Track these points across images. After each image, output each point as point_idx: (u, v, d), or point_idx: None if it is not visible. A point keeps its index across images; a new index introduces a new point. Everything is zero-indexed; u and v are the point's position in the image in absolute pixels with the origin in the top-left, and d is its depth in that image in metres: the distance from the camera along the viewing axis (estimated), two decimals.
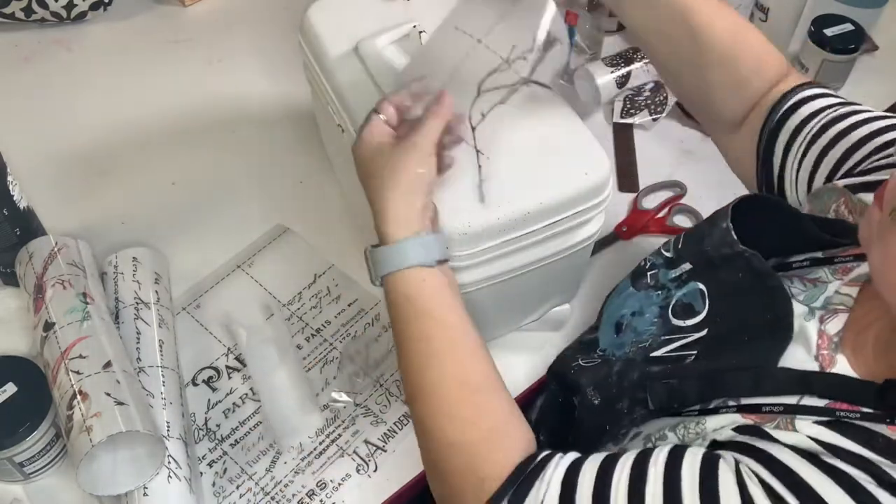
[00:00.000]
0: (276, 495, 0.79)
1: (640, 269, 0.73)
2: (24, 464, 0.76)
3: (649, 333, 0.68)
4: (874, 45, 1.17)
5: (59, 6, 1.17)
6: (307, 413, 0.82)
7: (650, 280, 0.71)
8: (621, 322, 0.72)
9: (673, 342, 0.65)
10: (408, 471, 0.80)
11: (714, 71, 0.73)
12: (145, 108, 1.11)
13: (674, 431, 0.59)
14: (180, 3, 1.25)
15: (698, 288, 0.66)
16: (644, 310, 0.70)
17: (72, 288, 0.81)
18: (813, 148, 0.70)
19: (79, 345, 0.76)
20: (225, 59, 1.18)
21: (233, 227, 0.98)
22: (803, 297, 0.62)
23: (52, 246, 0.84)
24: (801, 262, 0.65)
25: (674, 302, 0.67)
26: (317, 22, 0.86)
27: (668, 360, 0.65)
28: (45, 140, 1.07)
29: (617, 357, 0.70)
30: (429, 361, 0.64)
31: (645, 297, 0.71)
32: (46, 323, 0.78)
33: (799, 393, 0.55)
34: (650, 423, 0.62)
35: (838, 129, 0.70)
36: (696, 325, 0.65)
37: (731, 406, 0.57)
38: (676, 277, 0.69)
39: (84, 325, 0.78)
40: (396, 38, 0.82)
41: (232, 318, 0.89)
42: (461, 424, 0.62)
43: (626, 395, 0.64)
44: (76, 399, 0.72)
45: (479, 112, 0.71)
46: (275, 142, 1.08)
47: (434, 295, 0.65)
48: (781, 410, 0.55)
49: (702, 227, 0.68)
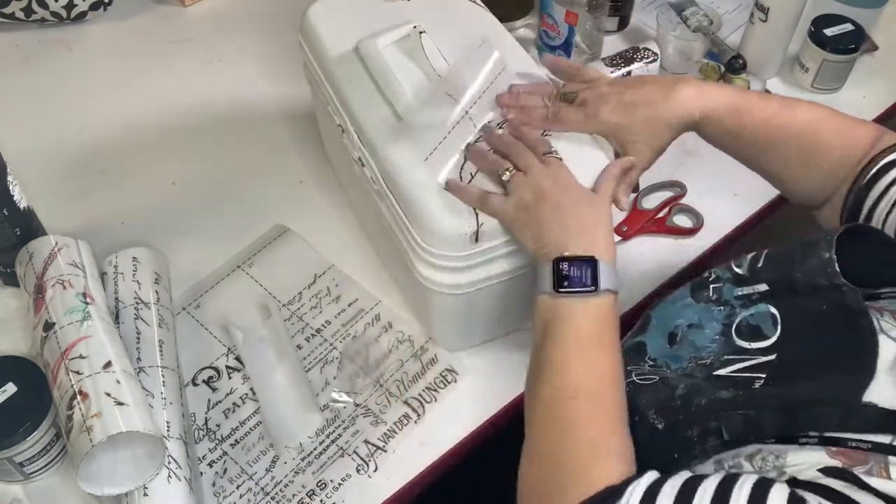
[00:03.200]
0: (276, 495, 0.79)
1: (703, 280, 0.71)
2: (24, 464, 0.76)
3: (709, 351, 0.66)
4: (874, 45, 1.17)
5: (59, 6, 1.17)
6: (306, 414, 0.82)
7: (712, 294, 0.69)
8: (675, 333, 0.70)
9: (737, 362, 0.63)
10: (408, 471, 0.80)
11: (804, 176, 0.76)
12: (145, 109, 1.11)
13: (750, 462, 0.56)
14: (180, 3, 1.25)
15: (770, 311, 0.64)
16: (703, 324, 0.68)
17: (72, 288, 0.81)
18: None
19: (79, 345, 0.76)
20: (225, 59, 1.18)
21: (233, 227, 0.98)
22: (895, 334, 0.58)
23: (53, 246, 0.84)
24: (889, 293, 0.62)
25: (738, 321, 0.66)
26: (317, 22, 0.87)
27: (736, 383, 0.62)
28: (44, 140, 1.07)
29: (673, 370, 0.68)
30: (609, 372, 0.65)
31: (705, 310, 0.69)
32: (46, 323, 0.78)
33: (892, 433, 0.52)
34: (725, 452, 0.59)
35: None
36: (764, 349, 0.62)
37: (814, 437, 0.54)
38: (744, 296, 0.67)
39: (84, 325, 0.78)
40: (396, 39, 0.82)
41: (231, 319, 0.89)
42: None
43: (696, 422, 0.61)
44: (76, 399, 0.72)
45: (469, 173, 0.74)
46: (275, 142, 1.08)
47: (617, 321, 0.68)
48: (870, 448, 0.51)
49: (793, 250, 0.65)
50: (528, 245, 0.71)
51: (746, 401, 0.59)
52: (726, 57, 1.12)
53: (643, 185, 1.02)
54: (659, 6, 1.22)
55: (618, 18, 1.21)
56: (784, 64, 1.15)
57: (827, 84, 1.12)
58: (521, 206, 0.70)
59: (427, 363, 0.87)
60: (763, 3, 1.07)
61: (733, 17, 1.23)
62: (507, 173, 0.72)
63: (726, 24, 1.20)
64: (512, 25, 1.18)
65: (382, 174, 0.77)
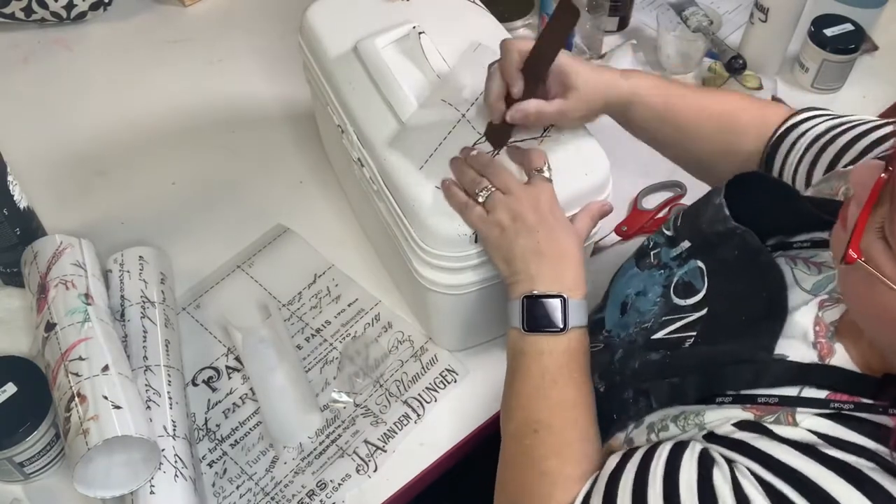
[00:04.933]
0: (276, 495, 0.79)
1: (644, 248, 0.73)
2: (24, 464, 0.76)
3: (652, 314, 0.68)
4: (874, 45, 1.17)
5: (59, 6, 1.17)
6: (305, 414, 0.82)
7: (653, 259, 0.72)
8: (626, 302, 0.72)
9: (674, 322, 0.66)
10: (407, 471, 0.80)
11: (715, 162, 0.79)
12: (145, 108, 1.11)
13: (675, 423, 0.60)
14: (180, 3, 1.25)
15: (698, 266, 0.66)
16: (647, 289, 0.71)
17: (74, 289, 0.81)
18: (810, 151, 0.71)
19: (79, 346, 0.76)
20: (225, 59, 1.18)
21: (233, 227, 0.98)
22: (810, 284, 0.61)
23: (57, 245, 0.84)
24: (802, 243, 0.65)
25: (675, 280, 0.68)
26: (316, 22, 0.86)
27: (667, 344, 0.65)
28: (45, 140, 1.07)
29: (621, 339, 0.70)
30: (570, 406, 0.66)
31: (648, 276, 0.71)
32: (48, 323, 0.78)
33: (799, 384, 0.55)
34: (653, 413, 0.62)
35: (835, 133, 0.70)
36: (696, 303, 0.65)
37: (729, 396, 0.57)
38: (677, 256, 0.69)
39: (84, 326, 0.78)
40: (396, 39, 0.82)
41: (231, 319, 0.89)
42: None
43: (630, 384, 0.65)
44: (74, 401, 0.72)
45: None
46: (275, 142, 1.08)
47: (586, 355, 0.69)
48: (777, 402, 0.55)
49: (698, 203, 0.69)
50: (499, 266, 0.71)
51: (673, 361, 0.63)
52: (726, 57, 1.12)
53: (644, 185, 1.03)
54: (659, 6, 1.22)
55: (618, 18, 1.20)
56: (784, 64, 1.15)
57: (827, 84, 1.12)
58: (496, 225, 0.70)
59: (427, 363, 0.87)
60: (763, 3, 1.07)
61: (733, 17, 1.23)
62: (483, 192, 0.71)
63: (726, 24, 1.20)
64: (512, 25, 1.18)
65: (382, 174, 0.77)
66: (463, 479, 0.87)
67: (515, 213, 0.69)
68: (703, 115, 0.77)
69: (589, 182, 0.74)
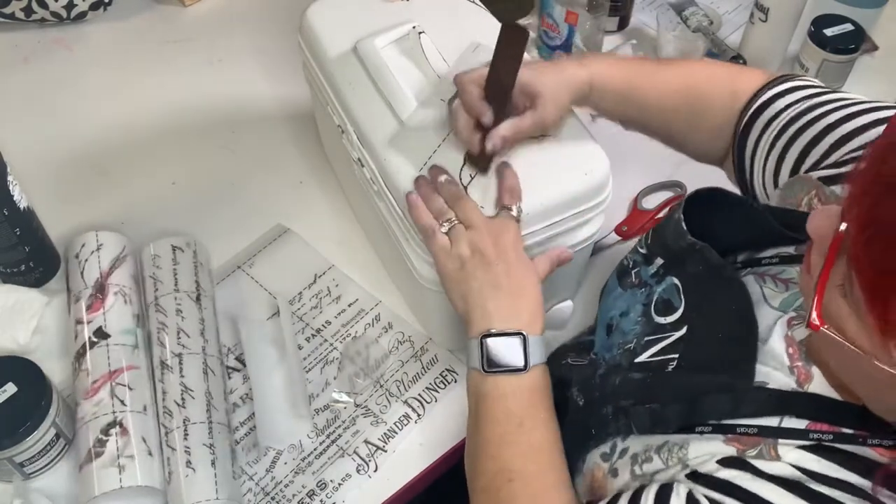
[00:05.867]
0: (276, 495, 0.79)
1: (624, 267, 0.73)
2: (24, 464, 0.76)
3: (634, 333, 0.68)
4: (874, 45, 1.17)
5: (59, 6, 1.17)
6: (295, 420, 0.82)
7: (634, 279, 0.71)
8: (611, 324, 0.71)
9: (656, 343, 0.65)
10: (408, 471, 0.80)
11: (691, 135, 0.77)
12: (145, 108, 1.11)
13: (659, 455, 0.59)
14: (180, 3, 1.25)
15: (674, 283, 0.66)
16: (630, 309, 0.70)
17: (130, 305, 0.82)
18: (780, 141, 0.69)
19: (129, 373, 0.77)
20: (225, 59, 1.18)
21: (233, 227, 0.98)
22: (778, 302, 0.60)
23: (121, 248, 0.86)
24: (769, 259, 0.63)
25: (655, 298, 0.67)
26: (316, 22, 0.86)
27: (651, 367, 0.64)
28: (45, 140, 1.07)
29: (606, 361, 0.69)
30: (542, 449, 0.66)
31: (631, 295, 0.70)
32: (100, 330, 0.79)
33: (779, 414, 0.54)
34: (636, 438, 0.62)
35: (806, 119, 0.68)
36: (675, 321, 0.64)
37: (709, 426, 0.56)
38: (655, 273, 0.68)
39: (135, 352, 0.79)
40: (395, 39, 0.82)
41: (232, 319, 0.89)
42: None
43: (609, 401, 0.64)
44: (115, 429, 0.73)
45: (469, 174, 0.73)
46: (275, 142, 1.08)
47: (549, 392, 0.68)
48: (756, 433, 0.54)
49: (665, 219, 0.68)
50: (456, 304, 0.70)
51: (654, 385, 0.62)
52: (726, 57, 1.12)
53: (644, 185, 1.03)
54: (659, 6, 1.22)
55: (618, 18, 1.20)
56: (784, 64, 1.15)
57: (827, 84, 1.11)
58: (457, 258, 0.69)
59: (427, 363, 0.87)
60: (763, 3, 1.07)
61: (733, 17, 1.23)
62: (446, 224, 0.70)
63: (726, 24, 1.20)
64: None
65: (382, 174, 0.77)
66: (463, 479, 0.87)
67: (476, 247, 0.68)
68: (667, 92, 0.75)
69: (589, 182, 0.74)
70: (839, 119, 0.66)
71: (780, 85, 0.73)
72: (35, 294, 0.88)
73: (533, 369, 0.66)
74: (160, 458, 0.75)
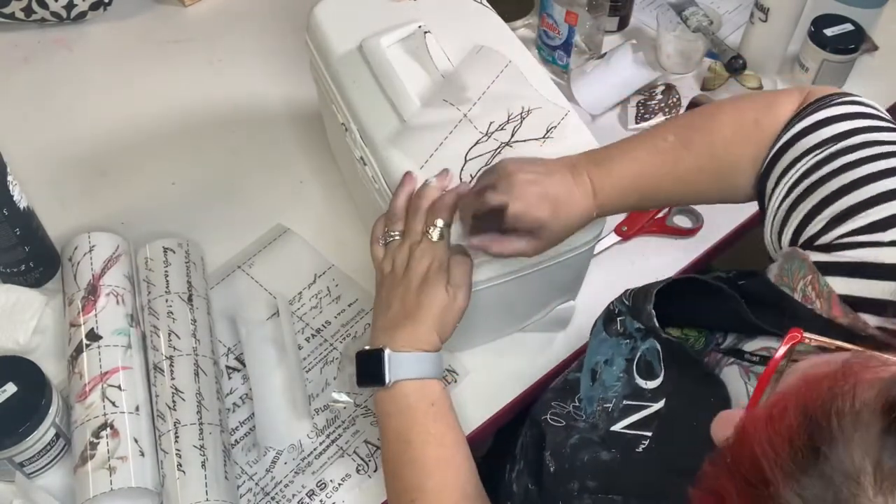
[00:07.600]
0: (276, 495, 0.79)
1: (610, 312, 0.71)
2: (25, 464, 0.75)
3: (614, 391, 0.66)
4: (874, 45, 1.17)
5: (59, 6, 1.17)
6: (296, 420, 0.82)
7: (619, 327, 0.69)
8: (596, 370, 0.70)
9: (634, 412, 0.63)
10: None
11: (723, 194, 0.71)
12: (145, 108, 1.11)
13: None
14: (180, 3, 1.25)
15: (656, 348, 0.64)
16: (613, 359, 0.68)
17: (123, 305, 0.81)
18: (794, 192, 0.60)
19: (121, 373, 0.77)
20: (225, 59, 1.18)
21: (233, 227, 0.98)
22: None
23: (115, 248, 0.85)
24: (752, 356, 0.58)
25: (638, 356, 0.65)
26: (323, 20, 0.87)
27: (622, 442, 0.62)
28: (45, 140, 1.07)
29: (584, 419, 0.68)
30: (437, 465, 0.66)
31: (615, 344, 0.69)
32: (92, 332, 0.79)
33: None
34: None
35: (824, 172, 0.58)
36: (654, 390, 0.63)
37: None
38: (639, 328, 0.66)
39: (127, 353, 0.79)
40: (401, 38, 0.82)
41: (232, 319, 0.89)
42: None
43: (577, 476, 0.63)
44: (106, 431, 0.73)
45: (469, 174, 0.73)
46: (275, 142, 1.08)
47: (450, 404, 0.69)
48: None
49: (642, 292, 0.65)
50: (374, 312, 0.72)
51: (621, 471, 0.61)
52: (726, 57, 1.12)
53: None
54: (659, 6, 1.22)
55: (618, 18, 1.20)
56: (784, 64, 1.15)
57: (827, 84, 1.12)
58: (379, 272, 0.72)
59: None
60: (763, 3, 1.07)
61: (733, 17, 1.23)
62: (388, 236, 0.72)
63: (726, 24, 1.20)
64: (512, 25, 1.18)
65: (383, 173, 0.77)
66: None
67: (394, 264, 0.70)
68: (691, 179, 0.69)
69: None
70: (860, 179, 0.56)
71: (816, 113, 0.62)
72: (35, 294, 0.88)
73: (404, 384, 0.67)
74: (155, 459, 0.75)
